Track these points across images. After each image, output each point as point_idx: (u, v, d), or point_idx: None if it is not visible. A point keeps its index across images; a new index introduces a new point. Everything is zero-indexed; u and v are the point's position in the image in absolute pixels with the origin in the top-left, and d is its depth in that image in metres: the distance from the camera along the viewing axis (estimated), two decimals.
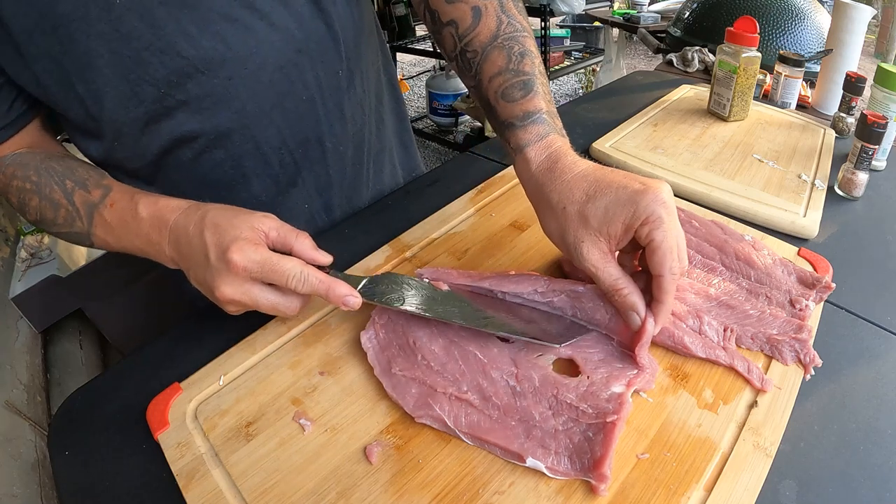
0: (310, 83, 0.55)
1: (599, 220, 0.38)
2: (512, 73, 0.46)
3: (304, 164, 0.59)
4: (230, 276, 0.39)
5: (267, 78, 0.51)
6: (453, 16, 0.49)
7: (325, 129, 0.58)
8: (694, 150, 0.73)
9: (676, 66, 1.16)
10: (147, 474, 0.38)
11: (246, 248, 0.39)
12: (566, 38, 2.75)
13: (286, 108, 0.54)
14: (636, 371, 0.39)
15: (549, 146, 0.43)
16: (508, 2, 0.49)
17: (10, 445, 0.72)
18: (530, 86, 0.45)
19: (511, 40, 0.47)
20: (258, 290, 0.40)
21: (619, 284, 0.39)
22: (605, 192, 0.39)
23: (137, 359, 0.49)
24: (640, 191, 0.37)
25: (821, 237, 0.58)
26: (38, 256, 1.06)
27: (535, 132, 0.44)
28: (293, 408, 0.41)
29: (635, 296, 0.39)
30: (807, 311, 0.45)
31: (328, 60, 0.55)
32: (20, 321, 0.99)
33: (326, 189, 0.62)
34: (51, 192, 0.48)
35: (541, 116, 0.44)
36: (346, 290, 0.40)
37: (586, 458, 0.35)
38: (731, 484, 0.34)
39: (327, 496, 0.35)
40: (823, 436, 0.39)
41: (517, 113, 0.45)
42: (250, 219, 0.41)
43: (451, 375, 0.40)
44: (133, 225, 0.45)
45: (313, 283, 0.40)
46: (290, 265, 0.39)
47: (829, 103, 0.90)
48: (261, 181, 0.57)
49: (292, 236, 0.42)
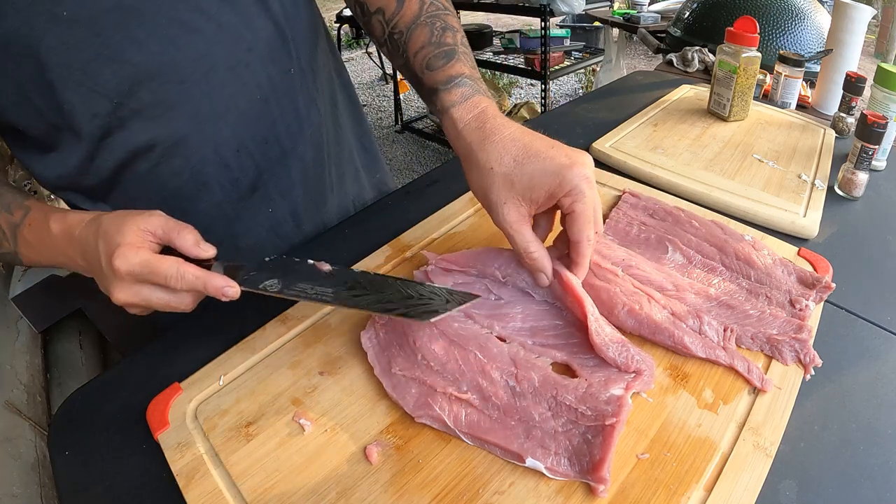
0: (262, 83, 0.55)
1: (524, 186, 0.41)
2: (434, 46, 0.49)
3: (263, 166, 0.58)
4: (118, 282, 0.40)
5: (219, 79, 0.51)
6: (380, 4, 0.53)
7: (281, 129, 0.58)
8: (694, 150, 0.73)
9: (676, 66, 1.16)
10: (147, 474, 0.38)
11: (127, 252, 0.39)
12: (566, 38, 2.75)
13: (240, 108, 0.54)
14: (634, 374, 0.39)
15: (475, 106, 0.46)
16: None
17: (10, 445, 0.72)
18: (452, 54, 0.48)
19: (433, 17, 0.51)
20: (148, 290, 0.41)
21: (531, 248, 0.42)
22: (533, 160, 0.41)
23: (137, 359, 0.49)
24: (566, 164, 0.40)
25: (821, 237, 0.58)
26: None
27: (460, 94, 0.46)
28: (293, 408, 0.41)
29: (543, 259, 0.43)
30: (807, 311, 0.45)
31: (278, 59, 0.55)
32: (20, 321, 0.99)
33: (289, 192, 0.62)
34: None
35: (463, 80, 0.47)
36: (222, 281, 0.40)
37: (585, 460, 0.35)
38: (731, 484, 0.34)
39: (327, 496, 0.35)
40: (823, 436, 0.39)
41: (441, 78, 0.47)
42: (137, 221, 0.41)
43: (450, 375, 0.40)
44: (49, 242, 0.45)
45: (190, 279, 0.40)
46: (166, 265, 0.39)
47: (829, 103, 0.90)
48: (221, 187, 0.56)
49: (174, 232, 0.42)
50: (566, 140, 0.44)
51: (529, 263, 0.43)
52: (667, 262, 0.52)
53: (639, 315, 0.44)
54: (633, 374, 0.39)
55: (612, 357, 0.40)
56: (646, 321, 0.43)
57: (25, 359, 0.92)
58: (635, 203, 0.59)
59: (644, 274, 0.48)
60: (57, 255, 0.47)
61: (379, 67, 4.17)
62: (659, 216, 0.57)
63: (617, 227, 0.56)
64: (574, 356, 0.42)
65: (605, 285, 0.46)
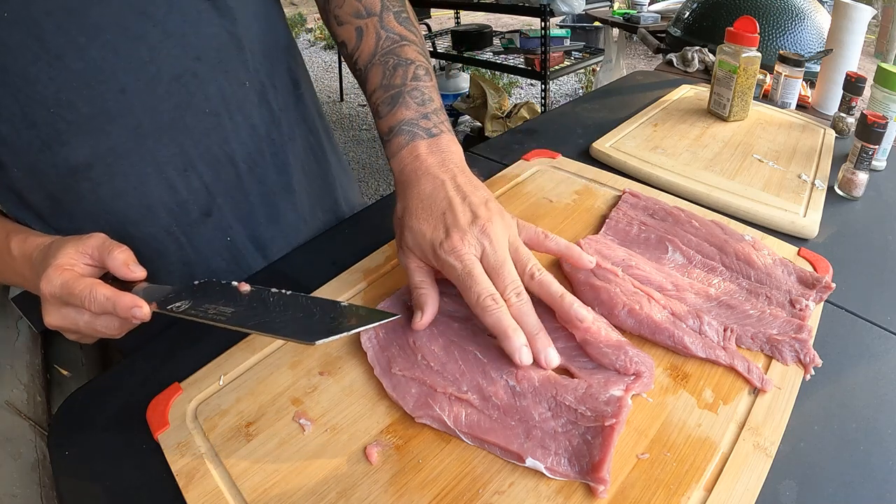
0: (212, 95, 0.51)
1: (414, 241, 0.43)
2: (382, 90, 0.49)
3: (216, 188, 0.55)
4: (47, 305, 0.39)
5: (163, 89, 0.48)
6: (343, 37, 0.53)
7: (235, 147, 0.54)
8: (694, 150, 0.73)
9: (676, 66, 1.16)
10: (147, 474, 0.38)
11: (52, 275, 0.38)
12: (566, 38, 2.75)
13: (187, 123, 0.51)
14: (634, 375, 0.39)
15: (408, 154, 0.47)
16: (388, 15, 0.52)
17: (10, 445, 0.72)
18: (396, 98, 0.48)
19: (388, 54, 0.50)
20: (74, 314, 0.39)
21: (419, 286, 0.43)
22: (417, 229, 0.43)
23: (137, 359, 0.49)
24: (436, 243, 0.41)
25: (821, 237, 0.58)
26: None
27: (396, 143, 0.47)
28: (293, 408, 0.41)
29: (427, 297, 0.43)
30: (807, 311, 0.45)
31: (232, 70, 0.52)
32: (20, 321, 0.99)
33: (249, 218, 0.58)
34: None
35: (401, 128, 0.47)
36: (130, 301, 0.38)
37: (585, 461, 0.35)
38: (731, 484, 0.34)
39: (327, 496, 0.35)
40: (823, 436, 0.39)
41: (384, 129, 0.49)
42: (76, 244, 0.40)
43: (450, 375, 0.40)
44: (9, 262, 0.45)
45: (101, 300, 0.38)
46: (81, 286, 0.38)
47: (829, 103, 0.90)
48: (169, 211, 0.53)
49: (106, 252, 0.40)
50: (566, 140, 0.44)
51: (413, 299, 0.43)
52: (667, 262, 0.52)
53: (639, 315, 0.44)
54: (632, 376, 0.39)
55: (609, 362, 0.40)
56: (646, 321, 0.43)
57: (25, 359, 0.92)
58: (635, 203, 0.59)
59: (644, 274, 0.48)
60: (15, 277, 0.46)
61: None
62: (659, 216, 0.57)
63: (617, 227, 0.56)
64: (573, 359, 0.42)
65: (605, 285, 0.46)
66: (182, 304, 0.40)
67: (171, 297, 0.41)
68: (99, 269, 0.41)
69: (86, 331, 0.40)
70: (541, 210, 0.61)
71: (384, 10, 0.52)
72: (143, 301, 0.39)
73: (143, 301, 0.39)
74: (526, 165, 0.69)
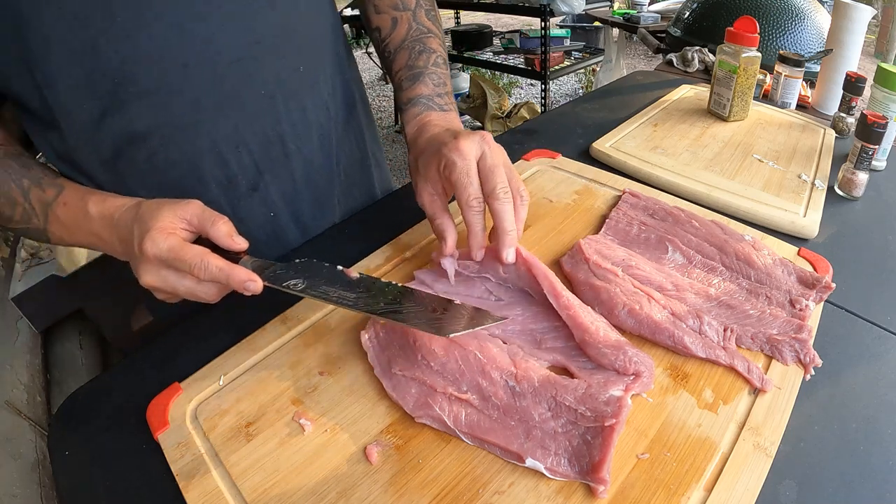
0: (268, 78, 0.54)
1: (423, 169, 0.49)
2: (407, 69, 0.58)
3: (264, 166, 0.57)
4: (146, 265, 0.41)
5: (223, 69, 0.50)
6: (378, 24, 0.61)
7: (286, 128, 0.57)
8: (694, 150, 0.73)
9: (676, 66, 1.16)
10: (147, 474, 0.38)
11: (157, 237, 0.40)
12: (566, 38, 2.75)
13: (243, 102, 0.53)
14: (633, 375, 0.39)
15: (419, 122, 0.54)
16: (420, 11, 0.61)
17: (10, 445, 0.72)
18: (417, 77, 0.57)
19: (415, 42, 0.59)
20: (174, 277, 0.41)
21: (436, 215, 0.48)
22: (427, 149, 0.49)
23: (137, 359, 0.49)
24: (444, 143, 0.46)
25: (821, 237, 0.58)
26: (38, 256, 1.06)
27: (413, 113, 0.55)
28: (293, 408, 0.41)
29: (445, 226, 0.47)
30: (807, 311, 0.45)
31: (286, 56, 0.55)
32: (20, 321, 0.99)
33: (293, 197, 0.61)
34: (8, 190, 0.48)
35: (419, 100, 0.56)
36: (244, 275, 0.41)
37: (585, 461, 0.35)
38: (731, 484, 0.34)
39: (327, 496, 0.35)
40: (823, 436, 0.39)
41: (404, 99, 0.57)
42: (174, 208, 0.42)
43: (450, 375, 0.40)
44: (85, 223, 0.46)
45: (213, 271, 0.40)
46: (192, 254, 0.40)
47: (829, 103, 0.90)
48: (218, 184, 0.55)
49: (209, 222, 0.42)
50: (566, 140, 0.44)
51: (434, 228, 0.48)
52: (667, 262, 0.52)
53: (639, 315, 0.44)
54: (632, 376, 0.39)
55: (608, 363, 0.40)
56: (646, 321, 0.43)
57: (25, 359, 0.92)
58: (635, 203, 0.59)
59: (644, 274, 0.48)
60: (90, 237, 0.47)
61: (379, 67, 4.17)
62: (659, 216, 0.57)
63: (617, 227, 0.56)
64: (573, 359, 0.42)
65: (604, 285, 0.46)
66: (296, 282, 0.42)
67: (279, 273, 0.43)
68: (193, 235, 0.43)
69: (183, 294, 0.42)
70: (541, 210, 0.61)
71: (417, 7, 0.61)
72: (256, 276, 0.41)
73: (256, 276, 0.41)
74: (526, 165, 0.69)
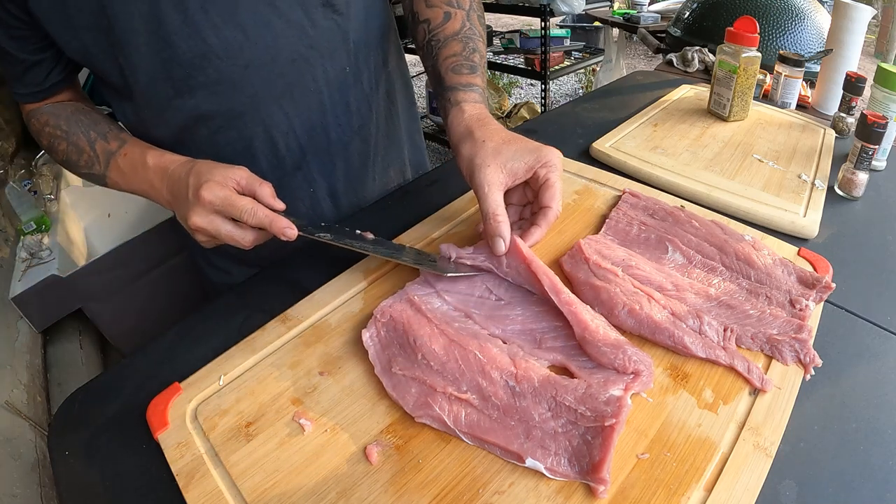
0: (318, 77, 0.61)
1: (507, 157, 0.49)
2: (463, 58, 0.58)
3: (308, 149, 0.64)
4: (199, 208, 0.48)
5: (279, 69, 0.57)
6: (429, 16, 0.62)
7: (330, 119, 0.64)
8: (694, 150, 0.73)
9: (676, 66, 1.16)
10: (147, 474, 0.38)
11: (213, 187, 0.48)
12: (566, 38, 2.75)
13: (294, 97, 0.60)
14: (633, 374, 0.39)
15: (480, 108, 0.55)
16: (474, 14, 0.62)
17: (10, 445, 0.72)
18: (475, 69, 0.58)
19: (468, 38, 0.60)
20: (220, 221, 0.48)
21: (499, 211, 0.47)
22: (517, 142, 0.50)
23: (137, 359, 0.49)
24: (541, 146, 0.50)
25: (821, 237, 0.58)
26: (38, 256, 1.06)
27: (472, 97, 0.56)
28: (293, 408, 0.41)
29: (506, 226, 0.47)
30: (807, 311, 0.45)
31: (337, 58, 0.61)
32: (20, 321, 0.99)
33: (331, 176, 0.68)
34: (77, 140, 0.57)
35: (478, 89, 0.57)
36: (285, 223, 0.48)
37: (585, 461, 0.35)
38: (731, 484, 0.34)
39: (327, 496, 0.35)
40: (823, 436, 0.39)
41: (462, 81, 0.56)
42: (225, 169, 0.49)
43: (450, 375, 0.40)
44: (141, 172, 0.54)
45: (260, 216, 0.48)
46: (244, 202, 0.48)
47: (829, 103, 0.90)
48: (268, 161, 0.63)
49: (256, 184, 0.50)
50: (566, 140, 0.44)
51: (493, 226, 0.47)
52: (667, 262, 0.52)
53: (639, 315, 0.44)
54: (631, 375, 0.39)
55: (608, 361, 0.40)
56: (646, 321, 0.43)
57: (25, 359, 0.92)
58: (635, 203, 0.59)
59: (644, 274, 0.48)
60: (143, 184, 0.55)
61: None
62: (659, 216, 0.57)
63: (617, 227, 0.56)
64: (573, 358, 0.42)
65: (605, 285, 0.46)
66: (324, 235, 0.50)
67: (309, 228, 0.50)
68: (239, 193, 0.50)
69: (224, 237, 0.49)
70: None
71: (471, 10, 0.62)
72: (293, 224, 0.49)
73: (293, 224, 0.49)
74: None
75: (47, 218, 1.17)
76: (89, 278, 1.07)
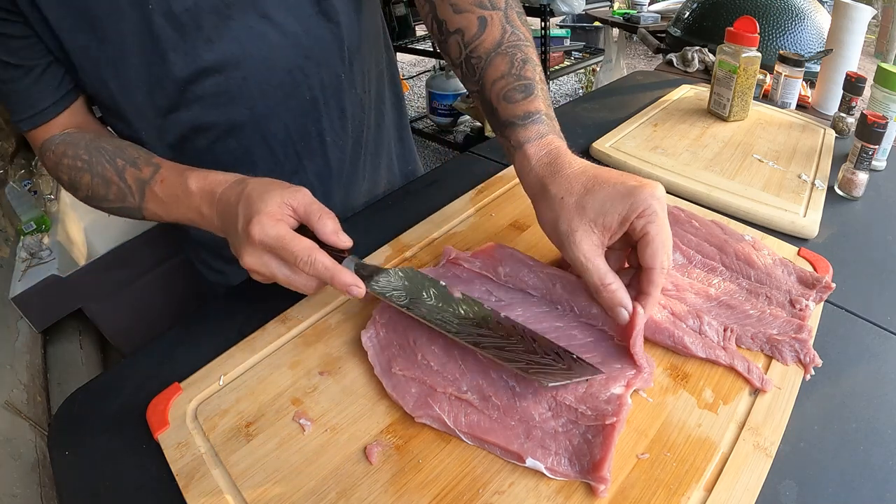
0: (314, 85, 0.60)
1: (596, 212, 0.40)
2: (514, 77, 0.48)
3: (305, 155, 0.64)
4: (250, 247, 0.42)
5: (276, 80, 0.57)
6: (460, 25, 0.51)
7: (325, 125, 0.63)
8: (694, 150, 0.73)
9: (676, 66, 1.16)
10: (147, 474, 0.38)
11: (265, 222, 0.40)
12: (566, 38, 2.75)
13: (291, 106, 0.59)
14: (634, 371, 0.39)
15: (548, 144, 0.45)
16: (512, 12, 0.51)
17: (10, 445, 0.72)
18: (531, 89, 0.47)
19: (514, 48, 0.49)
20: (276, 264, 0.42)
21: (608, 279, 0.40)
22: (604, 187, 0.40)
23: (137, 359, 0.49)
24: (636, 186, 0.39)
25: (821, 237, 0.58)
26: (38, 256, 1.06)
27: (535, 131, 0.46)
28: (293, 408, 0.41)
29: (622, 291, 0.40)
30: (807, 311, 0.45)
31: (332, 64, 0.60)
32: (20, 321, 0.99)
33: (326, 178, 0.67)
34: (103, 170, 0.51)
35: (540, 117, 0.46)
36: (350, 279, 0.41)
37: (586, 460, 0.35)
38: (731, 484, 0.34)
39: (327, 496, 0.35)
40: (823, 436, 0.39)
41: (518, 113, 0.46)
42: (282, 193, 0.42)
43: (450, 375, 0.40)
44: (184, 199, 0.48)
45: (319, 268, 0.40)
46: (300, 247, 0.40)
47: (829, 103, 0.90)
48: (266, 168, 0.63)
49: (315, 216, 0.43)
50: (566, 140, 0.44)
51: (607, 297, 0.40)
52: None
53: None
54: (632, 372, 0.39)
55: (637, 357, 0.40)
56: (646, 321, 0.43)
57: (25, 359, 0.92)
58: None
59: None
60: (188, 212, 0.49)
61: None
62: None
63: None
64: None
65: None
66: (400, 295, 0.42)
67: (382, 281, 0.43)
68: (297, 223, 0.43)
69: (281, 282, 0.43)
70: None
71: (508, 7, 0.52)
72: (360, 281, 0.41)
73: (360, 281, 0.41)
74: None
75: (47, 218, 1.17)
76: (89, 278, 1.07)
